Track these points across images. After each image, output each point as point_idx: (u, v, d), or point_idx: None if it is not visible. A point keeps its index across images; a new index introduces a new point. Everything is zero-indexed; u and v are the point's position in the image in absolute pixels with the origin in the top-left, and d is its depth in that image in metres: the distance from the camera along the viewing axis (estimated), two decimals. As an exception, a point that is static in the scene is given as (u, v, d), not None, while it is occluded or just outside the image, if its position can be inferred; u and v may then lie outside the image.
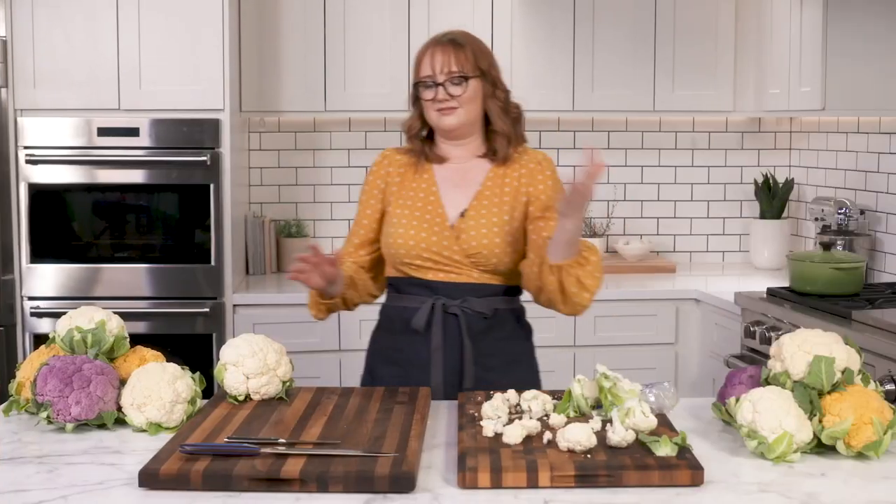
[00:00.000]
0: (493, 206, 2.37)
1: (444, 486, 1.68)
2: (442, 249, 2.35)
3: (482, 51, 2.41)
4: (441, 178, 2.43)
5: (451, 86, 2.35)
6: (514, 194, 2.39)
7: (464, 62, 2.36)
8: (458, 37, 2.40)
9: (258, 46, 4.15)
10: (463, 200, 2.39)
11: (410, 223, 2.37)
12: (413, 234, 2.36)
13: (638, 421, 1.81)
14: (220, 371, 2.11)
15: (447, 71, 2.35)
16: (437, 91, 2.35)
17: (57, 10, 3.78)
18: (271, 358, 2.12)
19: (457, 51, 2.36)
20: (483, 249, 2.34)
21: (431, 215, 2.38)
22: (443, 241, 2.35)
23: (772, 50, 4.05)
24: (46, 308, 3.83)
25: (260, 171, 4.52)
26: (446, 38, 2.39)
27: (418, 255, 2.36)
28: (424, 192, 2.41)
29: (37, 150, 3.80)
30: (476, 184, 2.41)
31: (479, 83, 2.38)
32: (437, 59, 2.36)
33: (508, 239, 2.36)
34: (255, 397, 2.11)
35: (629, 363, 3.95)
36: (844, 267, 3.43)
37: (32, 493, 1.65)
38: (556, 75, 4.25)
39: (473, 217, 2.36)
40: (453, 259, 2.35)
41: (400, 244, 2.37)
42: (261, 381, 2.10)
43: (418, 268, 2.37)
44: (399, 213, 2.40)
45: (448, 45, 2.37)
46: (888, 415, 1.84)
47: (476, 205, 2.38)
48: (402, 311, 2.40)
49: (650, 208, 4.67)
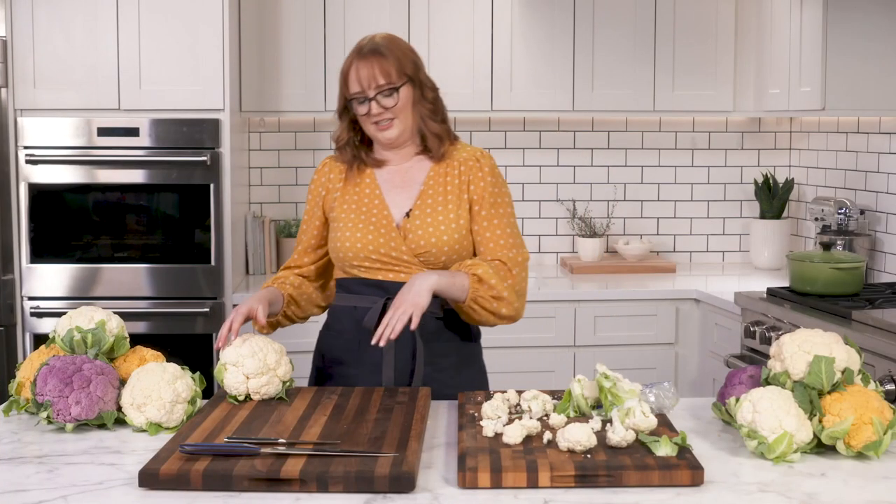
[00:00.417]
0: (438, 204, 2.37)
1: (444, 486, 1.68)
2: (390, 251, 2.34)
3: (405, 54, 2.37)
4: (382, 180, 2.42)
5: (382, 98, 2.32)
6: (457, 192, 2.39)
7: (390, 72, 2.32)
8: (380, 45, 2.35)
9: (258, 46, 4.15)
10: (407, 201, 2.39)
11: (357, 226, 2.37)
12: (360, 236, 2.35)
13: (638, 421, 1.81)
14: (219, 371, 2.12)
15: (375, 84, 2.31)
16: (371, 106, 2.33)
17: (57, 10, 3.78)
18: (271, 358, 2.12)
19: (381, 61, 2.32)
20: (432, 248, 2.34)
21: (377, 217, 2.37)
22: (390, 242, 2.34)
23: (772, 50, 4.05)
24: (46, 308, 3.83)
25: (260, 171, 4.52)
26: (367, 49, 2.34)
27: (367, 258, 2.35)
28: (368, 196, 2.40)
29: (37, 150, 3.80)
30: (418, 183, 2.41)
31: (409, 89, 2.36)
32: (363, 74, 2.32)
33: (455, 236, 2.35)
34: (255, 397, 2.11)
35: (629, 363, 3.96)
36: (844, 267, 3.43)
37: (32, 493, 1.65)
38: (556, 75, 4.25)
39: (419, 216, 2.36)
40: (402, 259, 2.35)
41: (347, 247, 2.36)
42: (261, 381, 2.10)
43: (367, 269, 2.37)
44: (344, 217, 2.39)
45: (371, 57, 2.32)
46: (888, 415, 1.84)
47: (420, 204, 2.37)
48: (352, 311, 2.39)
49: (650, 208, 4.67)
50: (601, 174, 4.63)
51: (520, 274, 2.38)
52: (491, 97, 4.24)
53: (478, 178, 2.40)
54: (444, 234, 2.34)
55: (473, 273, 2.28)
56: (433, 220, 2.35)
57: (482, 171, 2.40)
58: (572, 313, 3.98)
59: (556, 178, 4.62)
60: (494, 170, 2.43)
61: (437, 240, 2.34)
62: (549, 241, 4.65)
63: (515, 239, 2.40)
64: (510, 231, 2.40)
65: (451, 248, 2.35)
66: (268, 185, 4.53)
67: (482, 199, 2.39)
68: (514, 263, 2.37)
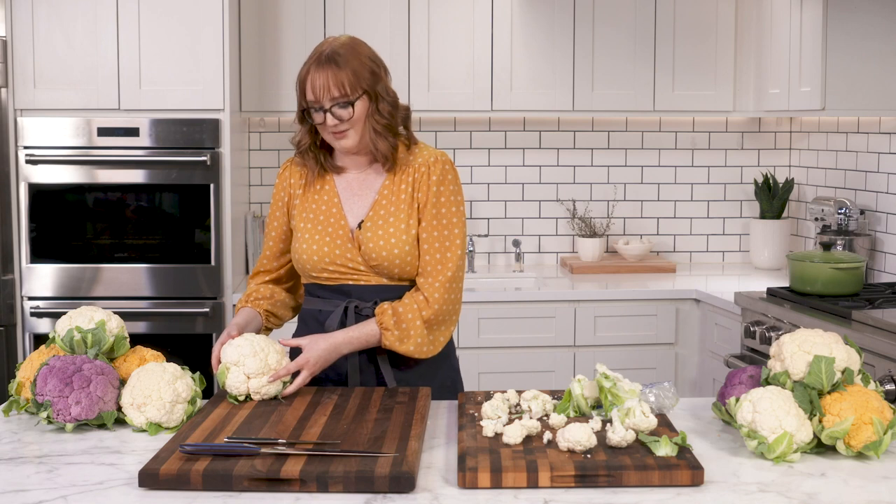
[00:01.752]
0: (390, 215, 2.34)
1: (444, 486, 1.68)
2: (346, 261, 2.33)
3: (363, 64, 2.29)
4: (342, 187, 2.40)
5: (337, 109, 2.28)
6: (409, 201, 2.36)
7: (345, 84, 2.26)
8: (339, 54, 2.28)
9: (258, 46, 4.15)
10: (361, 210, 2.37)
11: (314, 237, 2.36)
12: (316, 248, 2.34)
13: (638, 421, 1.81)
14: (222, 372, 2.12)
15: (330, 96, 2.26)
16: (326, 117, 2.28)
17: (57, 9, 3.78)
18: (272, 358, 2.12)
19: (336, 73, 2.25)
20: (384, 261, 2.32)
21: (334, 227, 2.35)
22: (346, 252, 2.33)
23: (772, 50, 4.05)
24: (46, 308, 3.83)
25: (260, 171, 4.52)
26: (325, 57, 2.27)
27: (324, 269, 2.34)
28: (326, 204, 2.38)
29: (37, 150, 3.80)
30: (373, 192, 2.38)
31: (365, 101, 2.30)
32: (318, 84, 2.26)
33: (407, 248, 2.32)
34: (256, 397, 2.11)
35: (629, 363, 3.96)
36: (844, 267, 3.43)
37: (32, 493, 1.65)
38: (556, 75, 4.25)
39: (370, 228, 2.33)
40: (359, 269, 2.34)
41: (306, 259, 2.35)
42: (261, 381, 2.10)
43: (328, 277, 2.36)
44: (303, 226, 2.38)
45: (328, 67, 2.26)
46: (888, 415, 1.84)
47: (373, 215, 2.35)
48: (316, 314, 2.39)
49: (650, 208, 4.67)
50: (601, 174, 4.63)
51: (443, 299, 2.31)
52: (491, 97, 4.24)
53: (424, 185, 2.35)
54: (395, 246, 2.31)
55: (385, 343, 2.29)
56: (384, 233, 2.32)
57: (430, 178, 2.35)
58: (572, 313, 3.98)
59: (556, 178, 4.62)
60: (444, 176, 2.36)
61: (388, 252, 2.31)
62: (549, 241, 4.65)
63: (444, 254, 2.33)
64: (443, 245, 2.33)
65: (403, 259, 2.32)
66: (268, 185, 4.53)
67: (424, 208, 2.35)
68: (430, 296, 2.30)
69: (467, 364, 3.94)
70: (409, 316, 2.29)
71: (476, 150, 4.58)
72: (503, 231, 4.63)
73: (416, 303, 2.31)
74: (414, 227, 2.34)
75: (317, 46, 2.33)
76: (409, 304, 2.31)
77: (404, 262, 2.32)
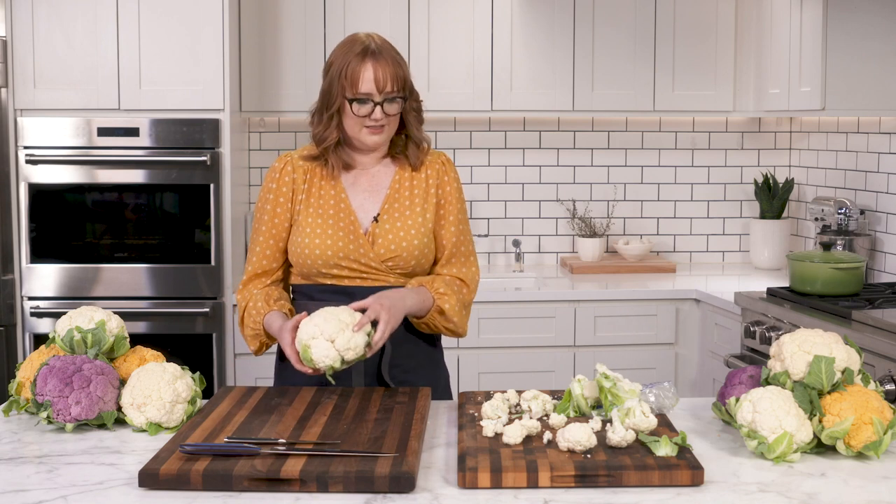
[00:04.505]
0: (405, 208, 2.35)
1: (444, 486, 1.68)
2: (359, 257, 2.30)
3: (406, 64, 2.33)
4: (349, 184, 2.37)
5: (387, 104, 2.28)
6: (424, 195, 2.37)
7: (401, 81, 2.28)
8: (390, 49, 2.30)
9: (258, 46, 4.15)
10: (373, 206, 2.36)
11: (325, 232, 2.31)
12: (330, 243, 2.30)
13: (638, 421, 1.82)
14: (304, 351, 2.05)
15: (385, 90, 2.26)
16: (375, 110, 2.26)
17: (57, 9, 3.78)
18: (344, 315, 2.07)
19: (395, 68, 2.27)
20: (402, 252, 2.31)
21: (345, 223, 2.32)
22: (359, 248, 2.30)
23: (772, 50, 4.05)
24: (46, 308, 3.83)
25: (260, 171, 4.52)
26: (378, 50, 2.27)
27: (336, 265, 2.31)
28: (334, 200, 2.35)
29: (37, 150, 3.80)
30: (384, 188, 2.37)
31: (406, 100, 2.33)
32: (378, 76, 2.25)
33: (424, 241, 2.34)
34: (349, 355, 2.04)
35: (629, 363, 3.96)
36: (844, 267, 3.43)
37: (32, 493, 1.65)
38: (556, 75, 4.25)
39: (388, 221, 2.33)
40: (370, 266, 2.31)
41: (317, 255, 2.30)
42: (346, 335, 2.04)
43: (335, 276, 2.32)
44: (311, 222, 2.33)
45: (386, 62, 2.26)
46: (888, 415, 1.84)
47: (388, 209, 2.34)
48: None
49: (650, 208, 4.67)
50: (601, 174, 4.64)
51: (473, 290, 2.41)
52: (491, 97, 4.24)
53: (445, 181, 2.39)
54: (413, 238, 2.32)
55: (440, 307, 2.30)
56: (402, 225, 2.33)
57: (448, 176, 2.40)
58: (572, 313, 3.98)
59: (556, 178, 4.62)
60: (457, 176, 2.45)
61: (407, 244, 2.31)
62: (549, 241, 4.65)
63: (468, 247, 2.42)
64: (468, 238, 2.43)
65: (421, 252, 2.33)
66: (268, 185, 4.52)
67: (450, 204, 2.38)
68: (471, 281, 2.40)
69: (467, 364, 3.95)
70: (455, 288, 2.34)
71: (476, 150, 4.58)
72: (503, 231, 4.63)
73: (456, 284, 2.36)
74: (430, 220, 2.36)
75: (352, 38, 2.31)
76: (450, 282, 2.35)
77: (421, 255, 2.33)
